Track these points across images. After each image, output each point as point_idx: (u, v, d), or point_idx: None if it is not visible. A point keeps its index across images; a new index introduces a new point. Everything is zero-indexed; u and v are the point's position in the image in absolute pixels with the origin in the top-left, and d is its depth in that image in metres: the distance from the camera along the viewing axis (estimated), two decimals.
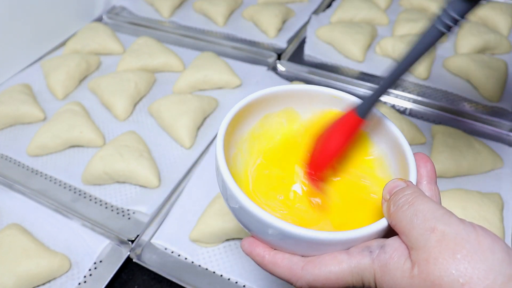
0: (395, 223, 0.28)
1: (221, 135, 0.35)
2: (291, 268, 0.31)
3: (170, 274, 0.53)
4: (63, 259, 0.53)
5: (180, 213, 0.60)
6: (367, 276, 0.29)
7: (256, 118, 0.40)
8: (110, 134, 0.72)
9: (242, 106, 0.38)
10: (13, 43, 0.84)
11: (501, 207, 0.57)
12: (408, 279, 0.26)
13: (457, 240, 0.25)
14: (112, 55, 0.89)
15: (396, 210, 0.28)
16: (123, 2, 1.05)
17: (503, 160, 0.65)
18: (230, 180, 0.31)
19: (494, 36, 0.85)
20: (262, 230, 0.31)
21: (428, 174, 0.32)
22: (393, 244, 0.28)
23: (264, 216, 0.29)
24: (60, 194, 0.63)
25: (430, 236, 0.26)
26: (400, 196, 0.29)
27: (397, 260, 0.27)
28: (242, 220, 0.33)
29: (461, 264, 0.24)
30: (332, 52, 0.88)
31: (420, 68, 0.80)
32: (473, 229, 0.26)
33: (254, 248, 0.33)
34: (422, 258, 0.26)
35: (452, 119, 0.73)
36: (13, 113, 0.72)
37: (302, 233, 0.29)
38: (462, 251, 0.25)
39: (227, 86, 0.80)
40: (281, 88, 0.39)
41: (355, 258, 0.29)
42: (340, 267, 0.29)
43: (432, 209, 0.27)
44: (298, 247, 0.30)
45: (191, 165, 0.66)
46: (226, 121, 0.36)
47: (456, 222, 0.26)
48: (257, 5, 0.98)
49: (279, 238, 0.30)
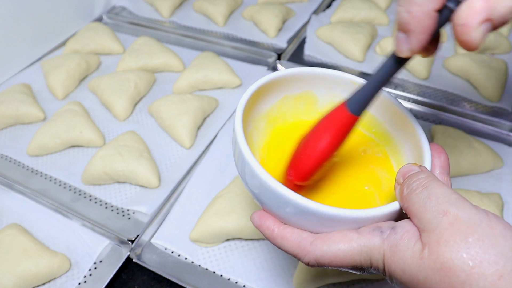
0: (408, 205, 0.28)
1: (240, 110, 0.35)
2: (300, 242, 0.31)
3: (170, 274, 0.53)
4: (63, 259, 0.53)
5: (180, 213, 0.60)
6: (376, 256, 0.29)
7: (275, 98, 0.40)
8: (110, 134, 0.72)
9: (260, 84, 0.37)
10: (13, 43, 0.84)
11: (501, 207, 0.57)
12: (418, 260, 0.26)
13: (469, 224, 0.25)
14: (112, 55, 0.89)
15: (410, 193, 0.28)
16: (123, 2, 1.05)
17: (503, 160, 0.65)
18: (248, 154, 0.31)
19: (494, 36, 0.85)
20: (276, 204, 0.31)
21: (441, 164, 0.32)
22: (404, 226, 0.28)
23: (281, 190, 0.29)
24: (60, 194, 0.63)
25: (442, 219, 0.26)
26: (414, 179, 0.29)
27: (407, 241, 0.27)
28: (257, 193, 0.32)
29: (472, 248, 0.24)
30: (332, 52, 0.88)
31: (420, 68, 0.80)
32: (486, 215, 0.26)
33: (264, 221, 0.33)
34: (433, 240, 0.26)
35: (452, 119, 0.73)
36: (13, 113, 0.72)
37: (316, 207, 0.29)
38: (474, 235, 0.25)
39: (227, 86, 0.80)
40: (301, 69, 0.39)
41: (365, 237, 0.29)
42: (349, 245, 0.29)
43: (446, 193, 0.27)
44: (309, 222, 0.30)
45: (191, 165, 0.66)
46: (244, 98, 0.36)
47: (469, 207, 0.26)
48: (257, 5, 0.98)
49: (292, 212, 0.30)
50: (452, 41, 0.90)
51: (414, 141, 0.36)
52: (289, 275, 0.53)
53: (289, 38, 0.92)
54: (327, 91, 0.40)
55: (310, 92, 0.41)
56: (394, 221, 0.30)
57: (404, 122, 0.37)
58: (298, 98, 0.41)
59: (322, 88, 0.40)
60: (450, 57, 0.83)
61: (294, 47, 0.91)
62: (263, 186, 0.30)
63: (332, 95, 0.40)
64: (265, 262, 0.54)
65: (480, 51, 0.85)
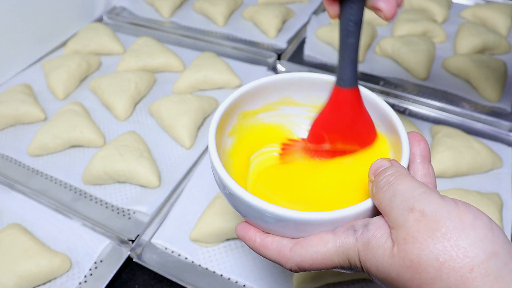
0: (378, 203, 0.28)
1: (215, 122, 0.35)
2: (280, 250, 0.31)
3: (170, 273, 0.53)
4: (63, 258, 0.53)
5: (180, 213, 0.60)
6: (351, 255, 0.29)
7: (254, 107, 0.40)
8: (110, 134, 0.72)
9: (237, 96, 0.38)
10: (14, 44, 0.84)
11: (500, 207, 0.58)
12: (388, 257, 0.26)
13: (436, 218, 0.25)
14: (112, 55, 0.89)
15: (377, 191, 0.28)
16: (124, 2, 1.05)
17: (502, 160, 0.65)
18: (221, 168, 0.32)
19: (494, 36, 0.86)
20: (253, 215, 0.31)
21: (421, 153, 0.32)
22: (377, 223, 0.28)
23: (254, 201, 0.30)
24: (61, 194, 0.63)
25: (409, 215, 0.25)
26: (381, 177, 0.29)
27: (379, 239, 0.27)
28: (235, 207, 0.33)
29: (440, 243, 0.24)
30: (332, 52, 0.89)
31: (419, 68, 0.80)
32: (455, 205, 0.25)
33: (246, 232, 0.33)
34: (401, 237, 0.25)
35: (451, 119, 0.73)
36: (14, 113, 0.72)
37: (289, 214, 0.29)
38: (441, 229, 0.24)
39: (227, 86, 0.80)
40: (277, 77, 0.39)
41: (340, 237, 0.29)
42: (326, 247, 0.29)
43: (411, 188, 0.27)
44: (286, 229, 0.31)
45: (191, 165, 0.66)
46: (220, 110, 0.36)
47: (436, 200, 0.26)
48: (257, 6, 0.98)
49: (269, 221, 0.31)
50: (452, 41, 0.90)
51: (392, 131, 0.35)
52: (289, 275, 0.53)
53: (289, 38, 0.92)
54: (306, 94, 0.41)
55: (289, 97, 0.41)
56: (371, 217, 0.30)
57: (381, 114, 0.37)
58: (277, 104, 0.41)
59: (301, 92, 0.40)
60: (450, 57, 0.83)
61: (294, 47, 0.91)
62: (239, 200, 0.31)
63: (311, 97, 0.41)
64: (265, 262, 0.54)
65: (479, 51, 0.85)
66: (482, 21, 0.94)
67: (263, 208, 0.30)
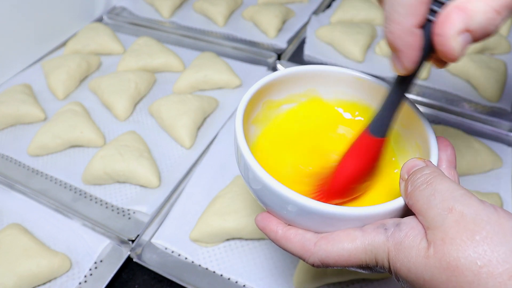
0: (412, 202, 0.27)
1: (241, 111, 0.34)
2: (303, 243, 0.30)
3: (171, 273, 0.53)
4: (63, 258, 0.53)
5: (180, 213, 0.60)
6: (380, 254, 0.28)
7: (278, 98, 0.39)
8: (110, 134, 0.72)
9: (263, 84, 0.37)
10: (14, 44, 0.84)
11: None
12: (423, 258, 0.25)
13: (476, 221, 0.24)
14: (112, 55, 0.89)
15: (414, 190, 0.27)
16: (124, 2, 1.05)
17: (502, 160, 0.65)
18: (250, 156, 0.31)
19: (494, 36, 0.86)
20: (278, 205, 0.30)
21: (448, 158, 0.32)
22: (409, 223, 0.27)
23: (282, 190, 0.29)
24: (61, 194, 0.63)
25: (448, 216, 0.25)
26: (418, 175, 0.28)
27: (412, 239, 0.26)
28: (259, 195, 0.32)
29: (480, 246, 0.23)
30: (332, 52, 0.89)
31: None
32: (495, 210, 0.25)
33: (268, 224, 0.32)
34: (439, 238, 0.25)
35: (451, 119, 0.73)
36: (14, 113, 0.72)
37: (318, 207, 0.28)
38: (482, 232, 0.24)
39: (227, 86, 0.80)
40: (304, 68, 0.39)
41: (370, 235, 0.28)
42: (353, 243, 0.28)
43: (450, 189, 0.26)
44: (312, 222, 0.30)
45: (191, 165, 0.66)
46: (245, 99, 0.35)
47: (476, 203, 0.25)
48: (257, 6, 0.98)
49: (295, 212, 0.30)
50: None
51: (420, 135, 0.35)
52: (289, 275, 0.53)
53: (289, 38, 0.92)
54: (331, 89, 0.40)
55: (314, 90, 0.40)
56: (400, 217, 0.29)
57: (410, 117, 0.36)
58: (301, 96, 0.41)
59: (326, 86, 0.40)
60: None
61: (294, 47, 0.91)
62: (265, 188, 0.30)
63: (337, 92, 0.40)
64: (265, 262, 0.54)
65: (479, 51, 0.85)
66: None
67: (290, 198, 0.29)
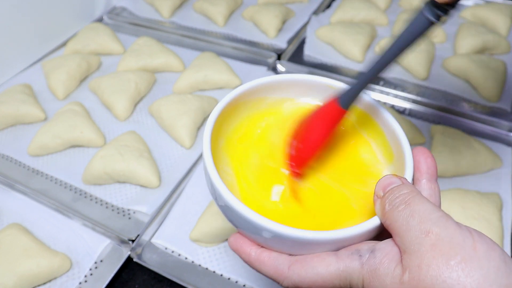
0: (390, 222, 0.27)
1: (209, 128, 0.34)
2: (277, 267, 0.30)
3: (171, 273, 0.53)
4: (63, 258, 0.53)
5: (180, 213, 0.60)
6: (355, 280, 0.28)
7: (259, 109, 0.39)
8: (110, 134, 0.72)
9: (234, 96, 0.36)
10: (14, 44, 0.84)
11: (500, 207, 0.58)
12: (398, 285, 0.25)
13: (452, 245, 0.24)
14: (112, 55, 0.90)
15: (392, 210, 0.27)
16: (124, 2, 1.05)
17: (502, 160, 0.65)
18: (217, 178, 0.31)
19: (493, 36, 0.86)
20: (250, 230, 0.30)
21: (428, 171, 0.31)
22: (384, 249, 0.27)
23: (254, 217, 0.29)
24: (61, 194, 0.63)
25: (425, 239, 0.25)
26: (396, 195, 0.27)
27: (387, 266, 0.26)
28: (229, 217, 0.32)
29: (454, 272, 0.23)
30: (332, 52, 0.89)
31: (419, 68, 0.80)
32: (470, 234, 0.25)
33: (241, 245, 0.32)
34: (415, 264, 0.24)
35: (451, 119, 0.73)
36: (14, 113, 0.72)
37: (290, 232, 0.28)
38: (456, 257, 0.24)
39: (227, 86, 0.80)
40: (276, 77, 0.38)
41: (344, 261, 0.28)
42: (327, 269, 0.28)
43: (428, 210, 0.26)
44: (285, 246, 0.30)
45: (191, 165, 0.66)
46: (215, 113, 0.35)
47: (453, 226, 0.25)
48: (257, 6, 0.98)
49: (265, 236, 0.29)
50: (451, 41, 0.90)
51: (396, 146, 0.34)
52: None
53: (289, 38, 0.92)
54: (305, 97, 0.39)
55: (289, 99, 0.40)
56: (376, 236, 0.29)
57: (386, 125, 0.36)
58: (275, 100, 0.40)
59: (301, 95, 0.39)
60: (449, 57, 0.83)
61: (294, 47, 0.91)
62: (236, 214, 0.30)
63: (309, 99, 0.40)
64: None
65: (479, 52, 0.85)
66: (482, 21, 0.94)
67: (262, 224, 0.28)
